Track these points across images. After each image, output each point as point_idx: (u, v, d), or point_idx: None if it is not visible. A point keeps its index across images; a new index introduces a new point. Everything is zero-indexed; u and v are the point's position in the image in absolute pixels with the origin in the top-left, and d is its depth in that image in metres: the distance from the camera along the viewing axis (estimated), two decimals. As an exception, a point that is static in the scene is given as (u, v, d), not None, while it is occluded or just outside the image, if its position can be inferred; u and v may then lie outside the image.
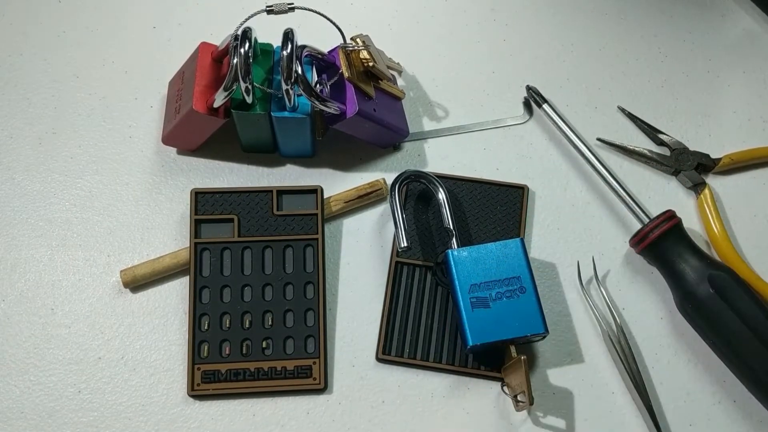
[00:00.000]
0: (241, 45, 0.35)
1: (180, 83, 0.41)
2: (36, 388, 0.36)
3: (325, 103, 0.37)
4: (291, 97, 0.37)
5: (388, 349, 0.38)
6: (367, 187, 0.41)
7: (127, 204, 0.41)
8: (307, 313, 0.38)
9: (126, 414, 0.36)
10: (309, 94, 0.37)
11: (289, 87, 0.36)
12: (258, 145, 0.41)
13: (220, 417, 0.36)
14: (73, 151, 0.42)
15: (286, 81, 0.36)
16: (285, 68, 0.36)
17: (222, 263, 0.38)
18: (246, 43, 0.36)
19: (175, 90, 0.41)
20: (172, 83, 0.43)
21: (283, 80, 0.36)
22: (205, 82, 0.39)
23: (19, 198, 0.41)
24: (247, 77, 0.36)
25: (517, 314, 0.35)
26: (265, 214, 0.39)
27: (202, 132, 0.40)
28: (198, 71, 0.38)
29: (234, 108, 0.38)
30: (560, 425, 0.37)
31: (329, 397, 0.37)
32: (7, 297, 0.38)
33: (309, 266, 0.39)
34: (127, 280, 0.38)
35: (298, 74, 0.36)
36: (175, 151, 0.43)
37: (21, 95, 0.44)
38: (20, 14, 0.47)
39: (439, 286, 0.39)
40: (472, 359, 0.37)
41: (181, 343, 0.37)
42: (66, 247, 0.40)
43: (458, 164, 0.43)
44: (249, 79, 0.36)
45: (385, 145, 0.43)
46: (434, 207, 0.41)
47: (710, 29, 0.50)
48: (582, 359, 0.38)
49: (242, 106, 0.38)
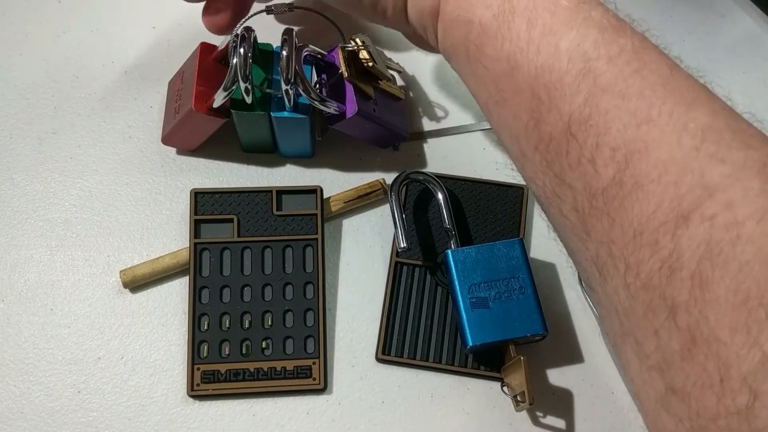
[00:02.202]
0: (240, 45, 0.35)
1: (180, 83, 0.41)
2: (36, 388, 0.36)
3: (325, 103, 0.37)
4: (291, 97, 0.37)
5: (388, 349, 0.38)
6: (367, 187, 0.41)
7: (127, 204, 0.41)
8: (306, 313, 0.38)
9: (126, 414, 0.36)
10: (308, 95, 0.36)
11: (289, 87, 0.36)
12: (258, 145, 0.41)
13: (220, 417, 0.36)
14: (73, 151, 0.42)
15: (285, 81, 0.36)
16: (284, 68, 0.36)
17: (222, 263, 0.38)
18: (245, 43, 0.36)
19: (175, 90, 0.41)
20: (171, 83, 0.43)
21: (283, 80, 0.36)
22: (205, 82, 0.38)
23: (19, 198, 0.41)
24: (246, 77, 0.36)
25: (517, 314, 0.35)
26: (264, 214, 0.39)
27: (201, 132, 0.40)
28: (198, 71, 0.38)
29: (233, 108, 0.38)
30: (560, 425, 0.37)
31: (329, 398, 0.37)
32: (6, 297, 0.38)
33: (309, 266, 0.38)
34: (126, 280, 0.38)
35: (298, 74, 0.36)
36: (175, 151, 0.43)
37: (21, 95, 0.44)
38: (20, 14, 0.47)
39: (439, 286, 0.39)
40: (472, 359, 0.37)
41: (180, 343, 0.37)
42: (66, 247, 0.40)
43: (458, 164, 0.43)
44: (249, 79, 0.36)
45: (385, 145, 0.43)
46: (434, 207, 0.41)
47: (710, 29, 0.50)
48: (582, 359, 0.38)
49: (242, 106, 0.38)
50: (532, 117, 0.27)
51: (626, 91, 0.24)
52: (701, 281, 0.21)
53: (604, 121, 0.24)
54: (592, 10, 0.26)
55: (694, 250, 0.22)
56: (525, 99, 0.27)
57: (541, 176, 0.27)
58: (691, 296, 0.22)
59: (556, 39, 0.26)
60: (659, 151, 0.23)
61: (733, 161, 0.22)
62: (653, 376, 0.24)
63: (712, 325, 0.21)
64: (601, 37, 0.25)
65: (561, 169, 0.26)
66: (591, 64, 0.25)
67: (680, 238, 0.22)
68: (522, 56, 0.26)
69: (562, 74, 0.25)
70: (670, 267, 0.22)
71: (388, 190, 0.40)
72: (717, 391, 0.21)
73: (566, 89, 0.25)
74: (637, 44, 0.26)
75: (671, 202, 0.22)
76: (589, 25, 0.26)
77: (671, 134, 0.23)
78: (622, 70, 0.25)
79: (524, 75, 0.26)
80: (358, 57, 0.40)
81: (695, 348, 0.22)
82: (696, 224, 0.22)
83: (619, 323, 0.25)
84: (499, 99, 0.28)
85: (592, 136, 0.24)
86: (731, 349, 0.21)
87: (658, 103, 0.24)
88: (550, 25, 0.26)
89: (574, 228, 0.27)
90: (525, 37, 0.26)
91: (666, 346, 0.23)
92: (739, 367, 0.20)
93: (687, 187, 0.22)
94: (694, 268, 0.22)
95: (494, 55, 0.28)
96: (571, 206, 0.26)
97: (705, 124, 0.23)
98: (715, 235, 0.21)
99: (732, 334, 0.21)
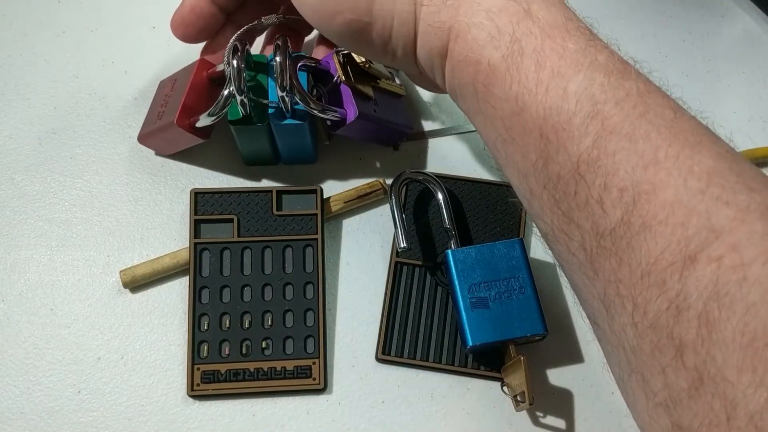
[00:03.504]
0: (233, 57, 0.35)
1: (170, 89, 0.40)
2: (35, 389, 0.36)
3: (325, 111, 0.37)
4: (287, 104, 0.36)
5: (388, 349, 0.38)
6: (367, 187, 0.41)
7: (127, 204, 0.41)
8: (306, 313, 0.38)
9: (126, 414, 0.36)
10: (307, 105, 0.36)
11: (284, 94, 0.36)
12: (260, 158, 0.41)
13: (220, 417, 0.36)
14: (73, 151, 0.42)
15: (280, 88, 0.36)
16: (279, 75, 0.35)
17: (222, 263, 0.38)
18: (238, 55, 0.35)
19: (163, 94, 0.41)
20: (162, 85, 0.42)
21: (278, 87, 0.36)
22: (194, 97, 0.38)
23: (19, 198, 0.41)
24: (242, 90, 0.35)
25: (517, 314, 0.35)
26: (265, 215, 0.39)
27: (177, 144, 0.40)
28: (190, 86, 0.38)
29: (233, 124, 0.37)
30: (560, 425, 0.37)
31: (329, 398, 0.37)
32: (6, 297, 0.38)
33: (309, 266, 0.38)
34: (126, 280, 0.38)
35: (294, 84, 0.36)
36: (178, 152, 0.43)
37: (21, 95, 0.44)
38: (20, 14, 0.47)
39: (439, 286, 0.39)
40: (472, 359, 0.37)
41: (180, 343, 0.37)
42: (65, 247, 0.40)
43: (458, 164, 0.43)
44: (244, 92, 0.35)
45: (391, 142, 0.43)
46: (434, 207, 0.41)
47: (710, 29, 0.50)
48: (582, 359, 0.38)
49: (241, 120, 0.37)
50: (541, 156, 0.27)
51: (633, 134, 0.25)
52: (708, 321, 0.22)
53: (612, 163, 0.25)
54: (598, 54, 0.27)
55: (702, 290, 0.22)
56: (533, 139, 0.27)
57: (549, 214, 0.28)
58: (699, 336, 0.22)
59: (565, 82, 0.26)
60: (666, 193, 0.24)
61: (737, 204, 0.23)
62: (660, 413, 0.24)
63: (719, 364, 0.21)
64: (607, 81, 0.26)
65: (569, 208, 0.26)
66: (599, 107, 0.25)
67: (687, 279, 0.22)
68: (530, 97, 0.27)
69: (570, 116, 0.26)
70: (677, 307, 0.23)
71: (388, 190, 0.40)
72: (723, 430, 0.21)
73: (575, 131, 0.26)
74: (642, 88, 0.26)
75: (678, 243, 0.23)
76: (596, 68, 0.26)
77: (678, 177, 0.24)
78: (629, 114, 0.25)
79: (532, 115, 0.27)
80: (354, 59, 0.39)
81: (702, 387, 0.22)
82: (703, 265, 0.22)
83: (626, 360, 0.26)
84: (507, 138, 0.29)
85: (600, 177, 0.25)
86: (738, 388, 0.21)
87: (664, 146, 0.24)
88: (558, 67, 0.27)
89: (581, 266, 0.27)
90: (533, 79, 0.27)
91: (673, 384, 0.23)
92: (746, 406, 0.21)
93: (694, 229, 0.23)
94: (701, 308, 0.22)
95: (502, 96, 0.28)
96: (578, 245, 0.27)
97: (710, 167, 0.24)
98: (722, 277, 0.22)
99: (739, 374, 0.21)
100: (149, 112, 0.42)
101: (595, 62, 0.27)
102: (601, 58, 0.27)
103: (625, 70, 0.27)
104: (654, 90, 0.27)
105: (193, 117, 0.38)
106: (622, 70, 0.27)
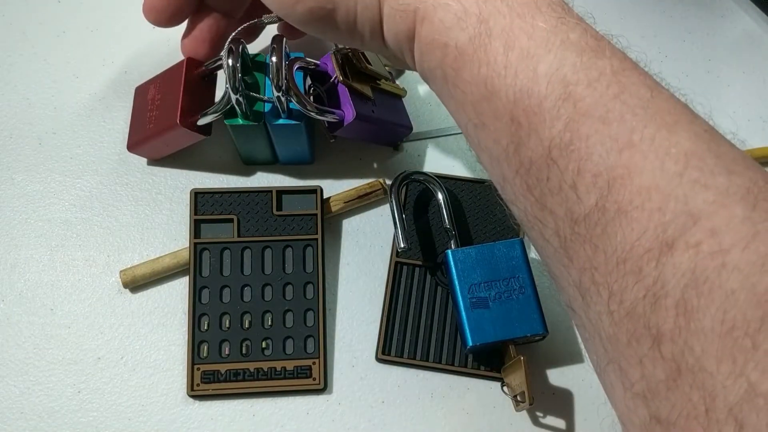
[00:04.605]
0: (228, 57, 0.35)
1: (155, 93, 0.40)
2: (35, 388, 0.36)
3: (323, 113, 0.37)
4: (283, 103, 0.36)
5: (388, 349, 0.38)
6: (367, 187, 0.41)
7: (127, 204, 0.41)
8: (306, 313, 0.38)
9: (126, 414, 0.36)
10: (304, 107, 0.36)
11: (280, 94, 0.36)
12: (257, 157, 0.41)
13: (220, 417, 0.36)
14: (73, 151, 0.42)
15: (276, 88, 0.36)
16: (274, 75, 0.35)
17: (222, 263, 0.38)
18: (233, 56, 0.35)
19: (148, 99, 0.40)
20: (141, 90, 0.42)
21: (274, 87, 0.36)
22: (189, 97, 0.38)
23: (19, 198, 0.41)
24: (237, 89, 0.35)
25: (517, 314, 0.35)
26: (265, 215, 0.39)
27: (175, 145, 0.40)
28: (184, 86, 0.38)
29: (229, 122, 0.37)
30: (560, 425, 0.37)
31: (329, 397, 0.37)
32: (6, 297, 0.38)
33: (309, 266, 0.39)
34: (126, 280, 0.38)
35: (290, 86, 0.36)
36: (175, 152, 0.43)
37: (21, 95, 0.44)
38: (20, 14, 0.47)
39: (439, 286, 0.39)
40: (472, 359, 0.37)
41: (180, 343, 0.37)
42: (65, 247, 0.40)
43: (458, 164, 0.43)
44: (239, 91, 0.35)
45: (391, 143, 0.43)
46: (434, 207, 0.41)
47: (710, 29, 0.50)
48: (582, 359, 0.38)
49: (236, 119, 0.37)
50: (512, 141, 0.26)
51: (607, 116, 0.24)
52: (686, 310, 0.21)
53: (586, 147, 0.24)
54: (570, 32, 0.26)
55: (679, 278, 0.21)
56: (504, 124, 0.26)
57: (522, 200, 0.27)
58: (676, 325, 0.21)
59: (534, 63, 0.25)
60: (642, 178, 0.23)
61: (716, 187, 0.22)
62: (637, 404, 0.23)
63: (697, 354, 0.21)
64: (579, 60, 0.25)
65: (542, 194, 0.26)
66: (570, 89, 0.24)
67: (665, 266, 0.22)
68: (500, 80, 0.26)
69: (541, 99, 0.25)
70: (654, 295, 0.22)
71: (388, 190, 0.40)
72: (702, 422, 0.21)
73: (546, 114, 0.25)
74: (616, 66, 0.25)
75: (655, 229, 0.22)
76: (568, 47, 0.25)
77: (654, 160, 0.23)
78: (602, 95, 0.24)
79: (503, 99, 0.26)
80: (353, 60, 0.39)
81: (680, 378, 0.21)
82: (681, 252, 0.21)
83: (603, 349, 0.25)
84: (479, 123, 0.28)
85: (573, 162, 0.24)
86: (717, 379, 0.20)
87: (639, 128, 0.23)
88: (528, 48, 0.26)
89: (556, 253, 0.26)
90: (502, 61, 0.26)
91: (651, 375, 0.22)
92: (725, 397, 0.20)
93: (671, 214, 0.22)
94: (679, 296, 0.21)
95: (471, 80, 0.27)
96: (553, 231, 0.26)
97: (687, 148, 0.23)
98: (700, 264, 0.21)
99: (718, 364, 0.20)
100: (133, 120, 0.41)
101: (566, 41, 0.25)
102: (573, 36, 0.26)
103: (598, 47, 0.26)
104: (630, 67, 0.25)
105: (192, 116, 0.38)
106: (596, 48, 0.25)
